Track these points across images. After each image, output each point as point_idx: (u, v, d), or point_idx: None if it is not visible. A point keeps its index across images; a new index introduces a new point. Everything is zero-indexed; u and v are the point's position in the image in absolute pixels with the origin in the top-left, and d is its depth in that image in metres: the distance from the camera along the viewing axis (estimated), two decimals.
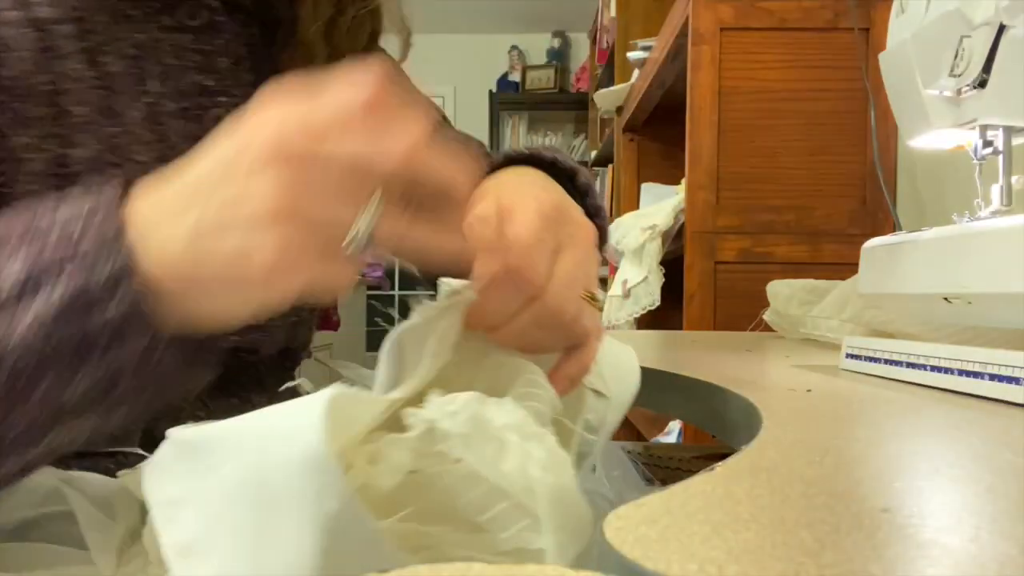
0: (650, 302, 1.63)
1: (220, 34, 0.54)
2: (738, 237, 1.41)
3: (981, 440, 0.33)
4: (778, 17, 1.40)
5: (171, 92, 0.51)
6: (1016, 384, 0.41)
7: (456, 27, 4.38)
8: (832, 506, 0.23)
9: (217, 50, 0.54)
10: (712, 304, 1.40)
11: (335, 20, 0.56)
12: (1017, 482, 0.26)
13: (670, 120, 2.11)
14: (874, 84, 1.31)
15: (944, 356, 0.47)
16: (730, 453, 0.30)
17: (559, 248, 0.41)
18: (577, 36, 4.48)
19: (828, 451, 0.30)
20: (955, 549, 0.20)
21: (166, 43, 0.52)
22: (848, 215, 1.40)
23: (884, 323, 0.71)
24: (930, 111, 0.57)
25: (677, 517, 0.22)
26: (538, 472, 0.32)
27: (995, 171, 0.55)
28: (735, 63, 1.41)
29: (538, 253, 0.39)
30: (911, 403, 0.43)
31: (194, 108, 0.52)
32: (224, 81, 0.54)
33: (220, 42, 0.54)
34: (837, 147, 1.40)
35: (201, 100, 0.53)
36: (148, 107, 0.50)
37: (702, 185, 1.42)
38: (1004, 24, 0.51)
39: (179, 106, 0.52)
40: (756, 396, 0.43)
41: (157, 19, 0.52)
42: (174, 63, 0.52)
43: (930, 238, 0.52)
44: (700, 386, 0.52)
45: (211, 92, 0.53)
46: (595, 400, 0.45)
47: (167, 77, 0.51)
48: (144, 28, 0.51)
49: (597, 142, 3.59)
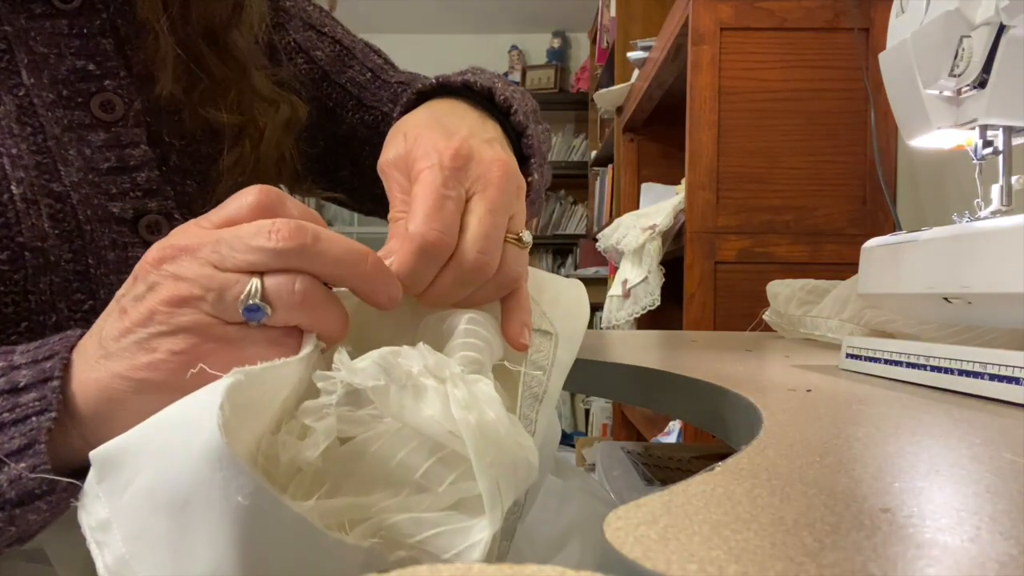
0: (650, 302, 1.63)
1: (98, 14, 0.52)
2: (738, 237, 1.41)
3: (981, 440, 0.33)
4: (778, 17, 1.40)
5: (46, 82, 0.49)
6: (1016, 384, 0.41)
7: (456, 27, 4.38)
8: (832, 506, 0.23)
9: (97, 31, 0.51)
10: (712, 304, 1.40)
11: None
12: (1017, 482, 0.26)
13: (670, 120, 2.12)
14: (874, 84, 1.31)
15: (944, 356, 0.47)
16: (730, 453, 0.30)
17: (469, 195, 0.40)
18: (577, 36, 4.48)
19: (828, 451, 0.30)
20: (955, 549, 0.20)
21: (37, 32, 0.50)
22: (848, 215, 1.40)
23: (884, 323, 0.71)
24: (930, 111, 0.57)
25: (677, 517, 0.22)
26: (459, 412, 0.31)
27: (995, 171, 0.55)
28: (735, 63, 1.41)
29: (441, 214, 0.38)
30: (911, 403, 0.43)
31: (75, 95, 0.50)
32: (108, 63, 0.51)
33: (99, 23, 0.52)
34: (837, 147, 1.40)
35: (82, 86, 0.50)
36: (19, 99, 0.48)
37: (702, 185, 1.42)
38: (1004, 24, 0.51)
39: (56, 95, 0.50)
40: (756, 396, 0.43)
41: (27, 8, 0.50)
42: (46, 51, 0.50)
43: (930, 238, 0.52)
44: (700, 386, 0.52)
45: (93, 77, 0.51)
46: (539, 338, 0.43)
47: (40, 67, 0.49)
48: (11, 19, 0.49)
49: (597, 142, 3.59)
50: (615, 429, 2.50)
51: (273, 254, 0.33)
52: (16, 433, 0.32)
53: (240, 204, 0.35)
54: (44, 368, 0.34)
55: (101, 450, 0.30)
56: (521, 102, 0.53)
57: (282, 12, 0.68)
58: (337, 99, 0.70)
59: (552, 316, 0.45)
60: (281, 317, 0.33)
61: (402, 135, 0.44)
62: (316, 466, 0.32)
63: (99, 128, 0.51)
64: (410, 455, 0.32)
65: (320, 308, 0.34)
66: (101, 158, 0.50)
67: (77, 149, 0.50)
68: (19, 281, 0.46)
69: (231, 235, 0.33)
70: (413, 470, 0.32)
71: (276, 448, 0.32)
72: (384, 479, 0.32)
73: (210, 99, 0.55)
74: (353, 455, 0.33)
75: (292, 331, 0.34)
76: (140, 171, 0.52)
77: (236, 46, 0.56)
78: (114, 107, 0.51)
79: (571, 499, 0.63)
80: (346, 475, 0.33)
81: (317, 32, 0.70)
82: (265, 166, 0.58)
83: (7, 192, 0.46)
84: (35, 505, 0.32)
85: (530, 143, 0.53)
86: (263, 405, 0.32)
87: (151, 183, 0.52)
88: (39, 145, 0.48)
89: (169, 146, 0.55)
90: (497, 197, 0.40)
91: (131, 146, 0.52)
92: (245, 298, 0.32)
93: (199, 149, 0.56)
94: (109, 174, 0.51)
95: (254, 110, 0.57)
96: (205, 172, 0.56)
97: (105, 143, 0.51)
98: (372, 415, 0.33)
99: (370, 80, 0.71)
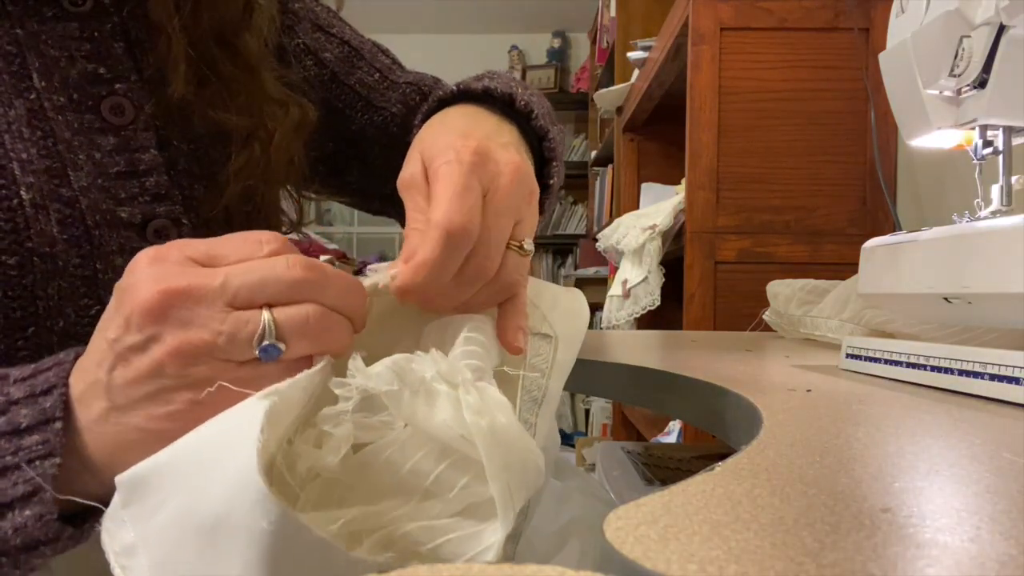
0: (650, 302, 1.63)
1: (109, 17, 0.52)
2: (738, 237, 1.41)
3: (981, 440, 0.33)
4: (778, 17, 1.40)
5: (57, 86, 0.49)
6: (1016, 384, 0.41)
7: (456, 27, 4.38)
8: (832, 506, 0.23)
9: (108, 34, 0.52)
10: (712, 304, 1.40)
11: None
12: (1017, 482, 0.26)
13: (670, 120, 2.11)
14: (874, 84, 1.31)
15: (944, 356, 0.47)
16: (730, 453, 0.30)
17: (486, 191, 0.40)
18: (577, 36, 4.47)
19: (828, 451, 0.30)
20: (955, 549, 0.20)
21: (48, 35, 0.50)
22: (848, 215, 1.40)
23: (884, 323, 0.71)
24: (930, 111, 0.57)
25: (677, 517, 0.22)
26: (472, 417, 0.32)
27: (995, 171, 0.55)
28: (735, 63, 1.41)
29: (463, 202, 0.38)
30: (911, 403, 0.43)
31: (86, 98, 0.50)
32: (119, 66, 0.52)
33: (110, 26, 0.52)
34: (837, 147, 1.40)
35: (93, 89, 0.51)
36: (30, 103, 0.48)
37: (702, 185, 1.42)
38: (1004, 24, 0.51)
39: (67, 99, 0.50)
40: (756, 396, 0.43)
41: (38, 11, 0.50)
42: (57, 55, 0.50)
43: (930, 238, 0.52)
44: (700, 386, 0.52)
45: (103, 80, 0.51)
46: (539, 342, 0.44)
47: (51, 70, 0.49)
48: (23, 23, 0.49)
49: (597, 142, 3.59)
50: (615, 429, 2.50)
51: (290, 285, 0.33)
52: (20, 479, 0.32)
53: (259, 245, 0.35)
54: (44, 408, 0.33)
55: (128, 474, 0.30)
56: (539, 105, 0.54)
57: (291, 14, 0.68)
58: (346, 100, 0.70)
59: (552, 319, 0.45)
60: (296, 351, 0.33)
61: (419, 153, 0.43)
62: (335, 472, 0.32)
63: (109, 132, 0.51)
64: (421, 461, 0.32)
65: (333, 332, 0.34)
66: (111, 162, 0.50)
67: (87, 153, 0.50)
68: (27, 286, 0.46)
69: (242, 271, 0.33)
70: (424, 476, 0.32)
71: (292, 458, 0.32)
72: (396, 486, 0.33)
73: (220, 101, 0.55)
74: (365, 463, 0.33)
75: (305, 359, 0.34)
76: (149, 176, 0.52)
77: (247, 48, 0.57)
78: (124, 111, 0.52)
79: (571, 499, 0.63)
80: (358, 482, 0.33)
81: (325, 33, 0.70)
82: (275, 169, 0.58)
83: (16, 197, 0.46)
84: (40, 551, 0.33)
85: (552, 146, 0.53)
86: (282, 419, 0.32)
87: (160, 188, 0.52)
88: (49, 149, 0.48)
89: (177, 150, 0.55)
90: (504, 201, 0.40)
91: (140, 150, 0.52)
92: (260, 337, 0.32)
93: (207, 153, 0.56)
94: (118, 178, 0.51)
95: (264, 112, 0.57)
96: (213, 176, 0.56)
97: (115, 147, 0.51)
98: (384, 421, 0.33)
99: (378, 81, 0.72)
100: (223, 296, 0.32)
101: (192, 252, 0.34)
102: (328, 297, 0.34)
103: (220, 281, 0.32)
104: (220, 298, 0.32)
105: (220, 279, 0.32)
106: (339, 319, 0.35)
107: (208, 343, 0.32)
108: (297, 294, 0.33)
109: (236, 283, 0.32)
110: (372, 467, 0.33)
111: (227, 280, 0.32)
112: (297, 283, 0.33)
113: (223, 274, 0.33)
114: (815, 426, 0.35)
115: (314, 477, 0.33)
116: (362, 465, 0.33)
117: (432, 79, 0.76)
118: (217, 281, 0.32)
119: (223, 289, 0.32)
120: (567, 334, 0.45)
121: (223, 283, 0.32)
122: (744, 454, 0.30)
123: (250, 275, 0.33)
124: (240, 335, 0.32)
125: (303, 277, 0.33)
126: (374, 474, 0.33)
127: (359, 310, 0.36)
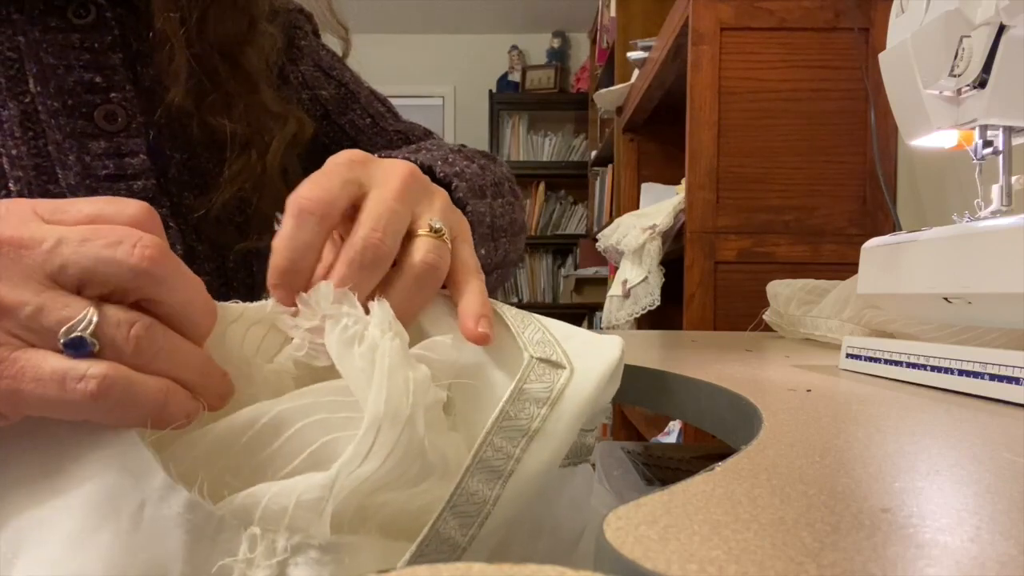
0: (650, 302, 1.63)
1: (111, 30, 0.54)
2: (738, 237, 1.41)
3: (981, 440, 0.33)
4: (778, 17, 1.40)
5: (52, 91, 0.52)
6: (1016, 384, 0.41)
7: (456, 27, 4.37)
8: (832, 506, 0.23)
9: (107, 46, 0.54)
10: (712, 304, 1.40)
11: (190, 11, 0.54)
12: (1017, 482, 0.26)
13: (670, 120, 2.11)
14: (874, 84, 1.31)
15: (944, 356, 0.47)
16: (730, 453, 0.30)
17: (366, 189, 0.37)
18: (577, 36, 4.47)
19: (828, 451, 0.30)
20: (955, 549, 0.20)
21: (49, 44, 0.52)
22: (848, 215, 1.40)
23: (884, 323, 0.71)
24: (930, 111, 0.57)
25: (677, 517, 0.22)
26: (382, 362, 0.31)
27: (995, 171, 0.55)
28: (735, 63, 1.41)
29: (318, 185, 0.36)
30: (911, 403, 0.43)
31: (80, 105, 0.52)
32: (115, 77, 0.54)
33: (111, 38, 0.54)
34: (837, 147, 1.40)
35: (88, 97, 0.53)
36: (24, 106, 0.50)
37: (702, 185, 1.42)
38: (1004, 24, 0.51)
39: (61, 104, 0.52)
40: (756, 396, 0.43)
41: (42, 21, 0.52)
42: (56, 63, 0.52)
43: (930, 238, 0.52)
44: (700, 386, 0.52)
45: (99, 89, 0.53)
46: (544, 368, 0.37)
47: (48, 77, 0.52)
48: (26, 31, 0.51)
49: (597, 142, 3.59)
50: (615, 429, 2.50)
51: (129, 273, 0.28)
52: None
53: (120, 209, 0.30)
54: None
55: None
56: (474, 177, 0.53)
57: (295, 49, 0.70)
58: (334, 138, 0.71)
59: (567, 348, 0.39)
60: (110, 358, 0.28)
61: None
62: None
63: (100, 137, 0.53)
64: (305, 430, 0.31)
65: (165, 355, 0.29)
66: (100, 165, 0.52)
67: (77, 155, 0.51)
68: None
69: (79, 236, 0.28)
70: (307, 445, 0.31)
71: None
72: (257, 472, 0.31)
73: (219, 110, 0.57)
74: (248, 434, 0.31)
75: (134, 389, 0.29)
76: (137, 179, 0.53)
77: (248, 62, 0.58)
78: (117, 118, 0.53)
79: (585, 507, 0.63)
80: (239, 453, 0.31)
81: (326, 74, 0.72)
82: (269, 177, 0.59)
83: (4, 189, 0.48)
84: None
85: (471, 218, 0.50)
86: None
87: (147, 191, 0.53)
88: (39, 149, 0.50)
89: (169, 158, 0.56)
90: (397, 186, 0.38)
91: (130, 155, 0.53)
92: (69, 330, 0.28)
93: (199, 163, 0.58)
94: (106, 180, 0.52)
95: (261, 123, 0.58)
96: (204, 185, 0.57)
97: (105, 151, 0.52)
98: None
99: (369, 125, 0.73)
100: (47, 264, 0.28)
101: (41, 208, 0.30)
102: (174, 299, 0.30)
103: (49, 245, 0.28)
104: (43, 266, 0.28)
105: (51, 241, 0.28)
106: (177, 342, 0.30)
107: (12, 305, 0.27)
108: (135, 287, 0.29)
109: (65, 252, 0.28)
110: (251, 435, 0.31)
111: (57, 246, 0.28)
112: (138, 273, 0.28)
113: (56, 236, 0.28)
114: (815, 426, 0.35)
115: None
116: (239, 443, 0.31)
117: (423, 130, 0.76)
118: (47, 243, 0.28)
119: (49, 256, 0.28)
120: (585, 367, 0.38)
121: (51, 248, 0.28)
122: (744, 454, 0.30)
123: (84, 250, 0.28)
124: (47, 316, 0.28)
125: (147, 269, 0.28)
126: (255, 442, 0.31)
127: (200, 327, 0.31)
